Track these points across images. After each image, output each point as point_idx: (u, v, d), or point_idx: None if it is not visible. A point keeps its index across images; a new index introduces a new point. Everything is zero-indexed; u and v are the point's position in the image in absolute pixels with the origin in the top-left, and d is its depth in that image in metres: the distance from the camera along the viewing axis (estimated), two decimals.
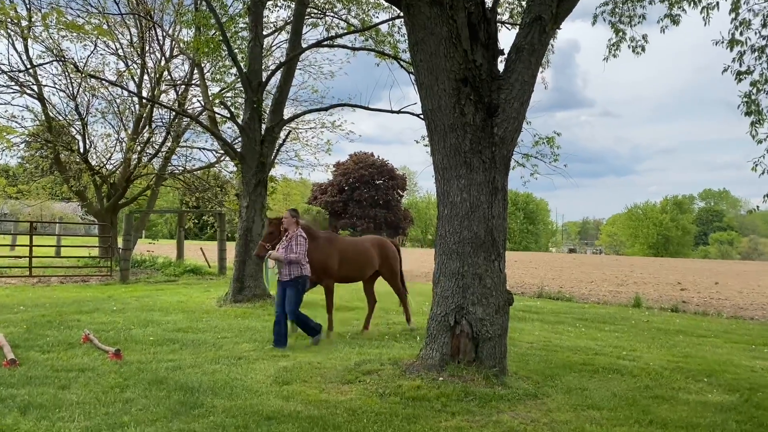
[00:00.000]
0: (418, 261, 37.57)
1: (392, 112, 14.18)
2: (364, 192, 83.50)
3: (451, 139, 6.56)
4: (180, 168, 23.62)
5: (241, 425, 4.95)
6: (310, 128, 22.77)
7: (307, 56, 19.57)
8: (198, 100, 21.94)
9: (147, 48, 21.65)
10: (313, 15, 16.37)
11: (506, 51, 6.82)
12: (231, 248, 16.18)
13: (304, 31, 15.03)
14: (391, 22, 15.06)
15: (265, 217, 12.59)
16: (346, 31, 15.94)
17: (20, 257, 20.01)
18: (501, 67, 6.80)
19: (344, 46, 16.26)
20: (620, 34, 9.86)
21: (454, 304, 6.52)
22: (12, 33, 18.42)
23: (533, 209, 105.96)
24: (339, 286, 10.75)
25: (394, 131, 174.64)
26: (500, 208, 6.62)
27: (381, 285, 10.52)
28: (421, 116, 7.38)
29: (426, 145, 8.21)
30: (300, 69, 18.80)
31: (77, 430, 4.71)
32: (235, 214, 19.52)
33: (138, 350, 7.71)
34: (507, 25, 13.86)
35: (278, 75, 14.80)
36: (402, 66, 14.81)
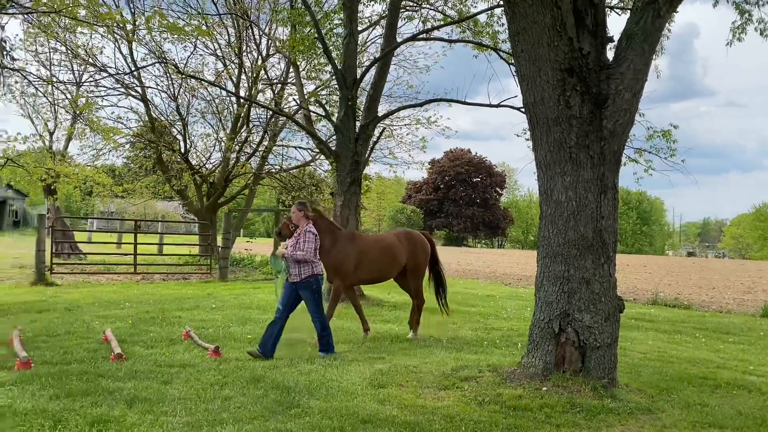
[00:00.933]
0: (518, 264, 36.90)
1: (491, 106, 14.02)
2: (461, 190, 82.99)
3: (555, 134, 6.41)
4: (276, 167, 24.43)
5: (336, 427, 5.06)
6: (405, 125, 22.92)
7: (401, 51, 19.72)
8: (294, 99, 22.63)
9: (244, 48, 22.55)
10: (408, 8, 16.46)
11: (616, 38, 6.58)
12: None
13: (399, 25, 15.17)
14: (490, 12, 14.90)
15: (284, 216, 12.31)
16: (442, 22, 15.92)
17: (126, 254, 21.40)
18: (610, 55, 6.57)
19: (441, 39, 16.26)
20: (746, 15, 9.24)
21: (558, 310, 6.36)
22: (118, 37, 19.74)
23: (647, 209, 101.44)
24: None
25: (493, 126, 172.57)
26: (610, 207, 6.39)
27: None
28: (522, 109, 7.24)
29: (527, 140, 7.98)
30: (395, 64, 18.97)
31: (179, 425, 4.98)
32: (330, 212, 19.96)
33: (236, 348, 8.06)
34: (617, 10, 13.35)
35: (373, 71, 15.00)
36: (501, 57, 14.61)
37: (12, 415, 4.99)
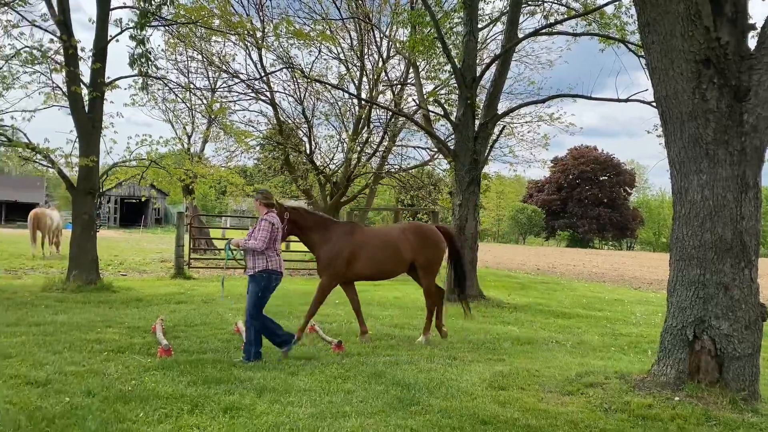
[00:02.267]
0: (648, 267, 35.01)
1: (619, 101, 13.40)
2: (586, 189, 79.81)
3: (690, 129, 6.02)
4: (396, 166, 24.71)
5: (456, 427, 5.05)
6: (526, 122, 22.47)
7: (523, 47, 19.34)
8: (413, 99, 22.79)
9: (366, 50, 23.00)
10: (530, 3, 16.09)
11: (758, 25, 6.07)
12: None
13: (520, 21, 14.85)
14: (617, 3, 14.24)
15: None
16: (566, 16, 15.42)
17: None
18: (752, 44, 6.07)
19: (564, 33, 15.76)
20: None
21: (693, 316, 5.97)
22: (249, 44, 20.75)
23: None
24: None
25: (621, 122, 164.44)
26: (752, 207, 5.91)
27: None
28: (654, 104, 6.86)
29: (659, 136, 7.50)
30: (516, 60, 18.63)
31: (304, 415, 5.16)
32: (449, 212, 19.92)
33: (358, 343, 8.23)
34: None
35: (493, 68, 14.80)
36: (630, 50, 13.92)
37: (155, 398, 5.38)
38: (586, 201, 79.89)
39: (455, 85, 15.00)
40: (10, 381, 5.71)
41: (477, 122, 13.98)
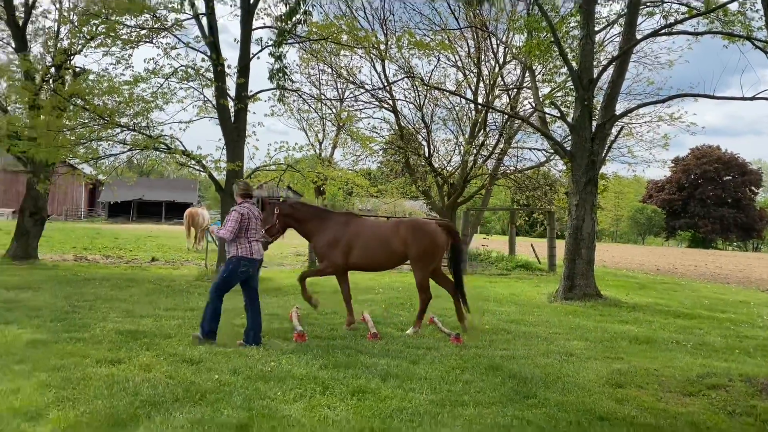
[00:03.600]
0: None
1: (745, 99, 12.32)
2: (708, 189, 74.19)
3: None
4: (511, 168, 24.22)
5: (573, 421, 4.88)
6: (645, 122, 21.22)
7: (641, 47, 18.28)
8: (529, 102, 22.25)
9: (482, 57, 22.72)
10: (648, 4, 15.18)
11: None
12: (560, 246, 16.02)
13: (638, 22, 14.06)
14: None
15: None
16: (687, 15, 14.40)
17: None
18: None
19: (685, 32, 14.71)
20: None
21: None
22: (373, 56, 21.15)
23: None
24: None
25: (747, 121, 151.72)
26: None
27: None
28: None
29: None
30: (634, 61, 17.65)
31: (425, 401, 5.19)
32: (565, 212, 19.26)
33: (475, 336, 8.16)
34: None
35: (610, 70, 14.11)
36: (757, 47, 12.75)
37: (291, 379, 5.63)
38: (708, 201, 74.31)
39: (572, 87, 14.48)
40: (169, 358, 6.18)
41: (594, 123, 13.40)
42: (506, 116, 21.81)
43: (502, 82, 22.96)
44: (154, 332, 7.43)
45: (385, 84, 22.43)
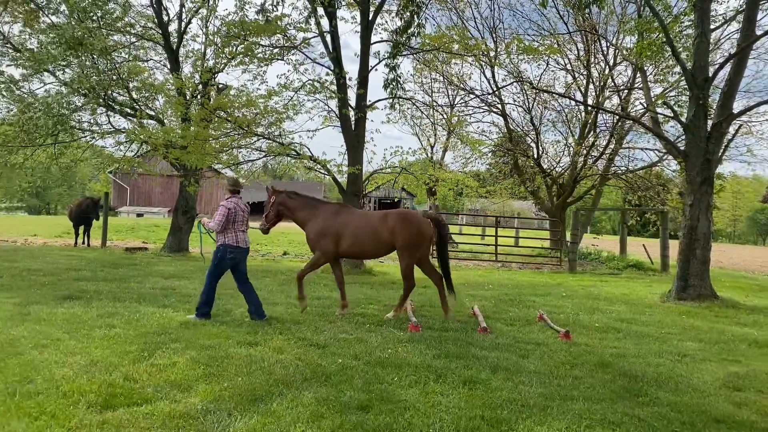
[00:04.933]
0: None
1: None
2: None
3: None
4: (622, 168, 23.01)
5: (687, 422, 4.56)
6: (766, 120, 19.38)
7: (762, 43, 16.70)
8: (640, 103, 21.01)
9: (592, 59, 21.77)
10: None
11: None
12: (673, 246, 15.00)
13: (758, 18, 12.82)
14: None
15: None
16: None
17: (488, 245, 22.55)
18: None
19: None
20: None
21: None
22: (483, 63, 20.88)
23: None
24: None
25: None
26: None
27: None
28: None
29: None
30: (753, 58, 16.18)
31: (534, 394, 5.07)
32: (678, 212, 17.97)
33: (584, 334, 7.84)
34: None
35: (727, 68, 12.98)
36: None
37: (406, 366, 5.70)
38: None
39: (685, 86, 13.49)
40: (298, 342, 6.48)
41: (710, 122, 12.39)
42: (617, 117, 20.75)
43: (613, 84, 21.88)
44: (285, 318, 7.80)
45: (495, 89, 22.12)
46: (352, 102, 14.83)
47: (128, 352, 5.72)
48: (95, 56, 16.02)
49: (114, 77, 16.61)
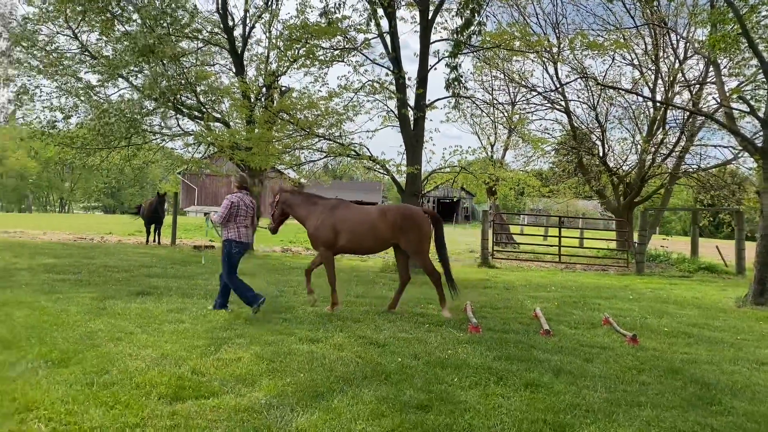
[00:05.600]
0: None
1: None
2: None
3: None
4: (694, 166, 22.01)
5: None
6: None
7: None
8: (713, 98, 20.01)
9: (661, 54, 20.92)
10: None
11: None
12: (750, 248, 14.22)
13: None
14: None
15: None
16: None
17: (551, 246, 22.06)
18: None
19: None
20: None
21: None
22: (545, 60, 20.44)
23: None
24: None
25: None
26: None
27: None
28: None
29: None
30: None
31: (599, 399, 4.92)
32: (756, 212, 17.02)
33: (653, 338, 7.55)
34: None
35: None
36: None
37: (466, 367, 5.66)
38: None
39: (763, 80, 12.73)
40: (359, 340, 6.54)
41: None
42: (688, 113, 19.86)
43: (683, 78, 20.95)
44: (346, 316, 7.89)
45: (558, 86, 21.61)
46: (411, 102, 14.84)
47: (196, 347, 5.94)
48: (165, 62, 16.71)
49: (182, 82, 17.27)
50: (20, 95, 16.94)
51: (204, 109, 18.01)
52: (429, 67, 14.85)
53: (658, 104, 20.72)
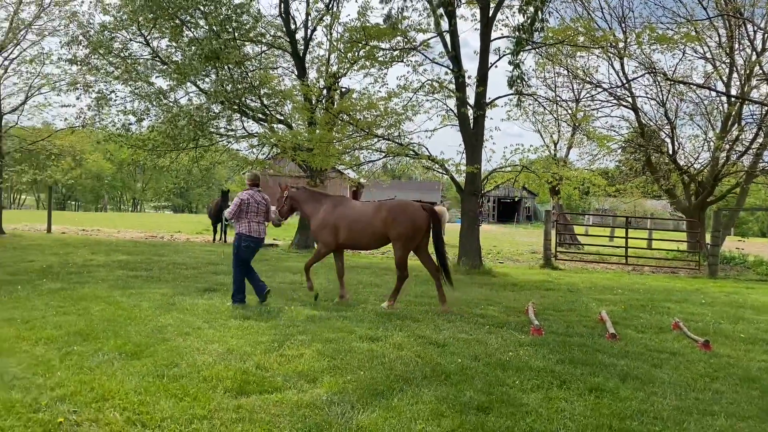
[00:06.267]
0: None
1: None
2: None
3: None
4: None
5: None
6: None
7: None
8: None
9: (736, 46, 19.85)
10: None
11: None
12: None
13: None
14: None
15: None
16: None
17: (618, 247, 21.35)
18: None
19: None
20: None
21: None
22: (611, 55, 19.78)
23: None
24: None
25: None
26: None
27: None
28: None
29: None
30: None
31: (669, 407, 4.74)
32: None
33: (727, 345, 7.18)
34: None
35: None
36: None
37: (528, 370, 5.56)
38: None
39: None
40: (418, 340, 6.54)
41: None
42: (766, 108, 18.76)
43: (761, 71, 19.81)
44: (405, 315, 7.91)
45: (624, 81, 20.88)
46: (471, 100, 14.71)
47: (260, 342, 6.10)
48: (230, 67, 17.23)
49: (246, 85, 17.76)
50: (99, 100, 17.87)
51: (267, 112, 18.45)
52: (489, 65, 14.67)
53: (733, 99, 19.69)
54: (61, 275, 10.50)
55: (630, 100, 21.71)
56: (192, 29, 17.57)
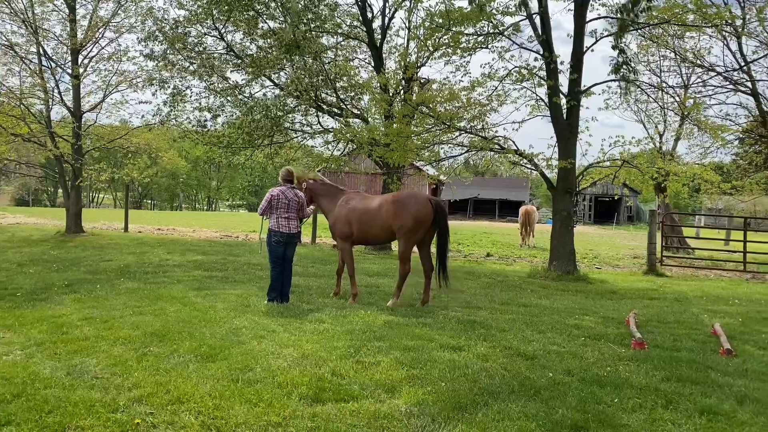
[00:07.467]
0: None
1: None
2: None
3: None
4: None
5: None
6: None
7: None
8: None
9: None
10: None
11: None
12: None
13: None
14: None
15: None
16: None
17: (734, 252, 20.14)
18: None
19: None
20: None
21: None
22: (727, 34, 18.67)
23: None
24: None
25: None
26: None
27: None
28: None
29: None
30: None
31: None
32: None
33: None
34: None
35: None
36: None
37: (628, 387, 5.35)
38: None
39: None
40: (504, 351, 6.45)
41: None
42: None
43: None
44: (490, 324, 7.82)
45: (742, 64, 19.64)
46: (563, 88, 14.32)
47: (336, 348, 6.22)
48: (306, 58, 17.66)
49: (322, 78, 18.14)
50: (174, 96, 18.82)
51: (343, 106, 18.77)
52: (585, 49, 14.22)
53: None
54: (138, 275, 11.16)
55: (749, 84, 20.40)
56: (267, 20, 18.14)
